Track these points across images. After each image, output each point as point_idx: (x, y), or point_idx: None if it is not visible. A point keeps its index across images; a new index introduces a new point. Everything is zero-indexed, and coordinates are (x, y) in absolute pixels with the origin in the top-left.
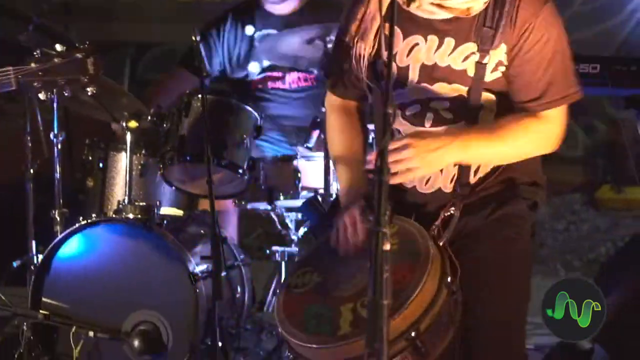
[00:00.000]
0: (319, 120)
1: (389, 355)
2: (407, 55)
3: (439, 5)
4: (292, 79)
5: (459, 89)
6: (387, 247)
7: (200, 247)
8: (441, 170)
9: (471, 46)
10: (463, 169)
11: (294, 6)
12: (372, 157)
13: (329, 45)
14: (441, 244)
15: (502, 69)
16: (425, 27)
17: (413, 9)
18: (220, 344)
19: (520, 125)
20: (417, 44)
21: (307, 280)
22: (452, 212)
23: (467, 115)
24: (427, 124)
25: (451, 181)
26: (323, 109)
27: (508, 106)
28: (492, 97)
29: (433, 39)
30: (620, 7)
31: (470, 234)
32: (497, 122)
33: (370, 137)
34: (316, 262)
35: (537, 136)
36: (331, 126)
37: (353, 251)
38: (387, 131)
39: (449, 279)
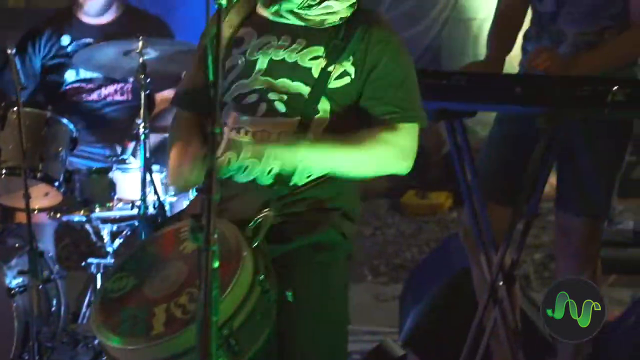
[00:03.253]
0: (135, 132)
1: None
2: (258, 50)
3: (297, 15)
4: (107, 92)
5: (301, 87)
6: (217, 265)
7: (16, 260)
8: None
9: (320, 50)
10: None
11: (112, 17)
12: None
13: (146, 57)
14: (255, 244)
15: (348, 79)
16: (280, 29)
17: (269, 14)
18: (37, 358)
19: (377, 135)
20: (269, 42)
21: (123, 284)
22: (265, 212)
23: (301, 112)
24: (258, 115)
25: (268, 173)
26: (138, 121)
27: (342, 120)
28: (330, 103)
29: (286, 38)
30: (424, 12)
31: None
32: (351, 133)
33: None
34: (132, 266)
35: (394, 149)
36: (176, 137)
37: (171, 253)
38: (214, 150)
39: (261, 277)
